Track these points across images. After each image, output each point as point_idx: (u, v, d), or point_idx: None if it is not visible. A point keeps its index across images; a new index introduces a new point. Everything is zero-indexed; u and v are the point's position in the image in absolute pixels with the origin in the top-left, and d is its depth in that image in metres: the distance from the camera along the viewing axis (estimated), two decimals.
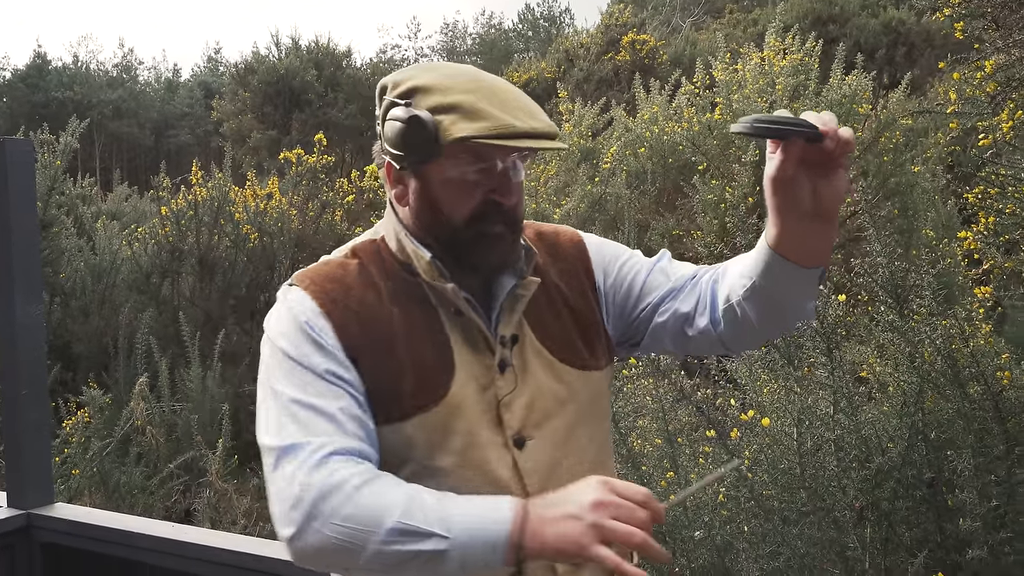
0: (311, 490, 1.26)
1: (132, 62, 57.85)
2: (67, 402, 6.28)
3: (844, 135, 1.29)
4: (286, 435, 1.32)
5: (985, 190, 4.68)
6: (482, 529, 1.22)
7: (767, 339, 1.64)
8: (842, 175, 1.32)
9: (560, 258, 1.58)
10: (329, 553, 1.26)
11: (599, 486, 1.23)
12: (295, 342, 1.38)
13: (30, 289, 2.89)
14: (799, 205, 1.34)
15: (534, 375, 1.46)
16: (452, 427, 1.39)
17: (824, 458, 3.18)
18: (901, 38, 18.38)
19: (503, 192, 1.40)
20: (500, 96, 1.39)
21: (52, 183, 8.35)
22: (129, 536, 2.71)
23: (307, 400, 1.34)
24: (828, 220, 1.36)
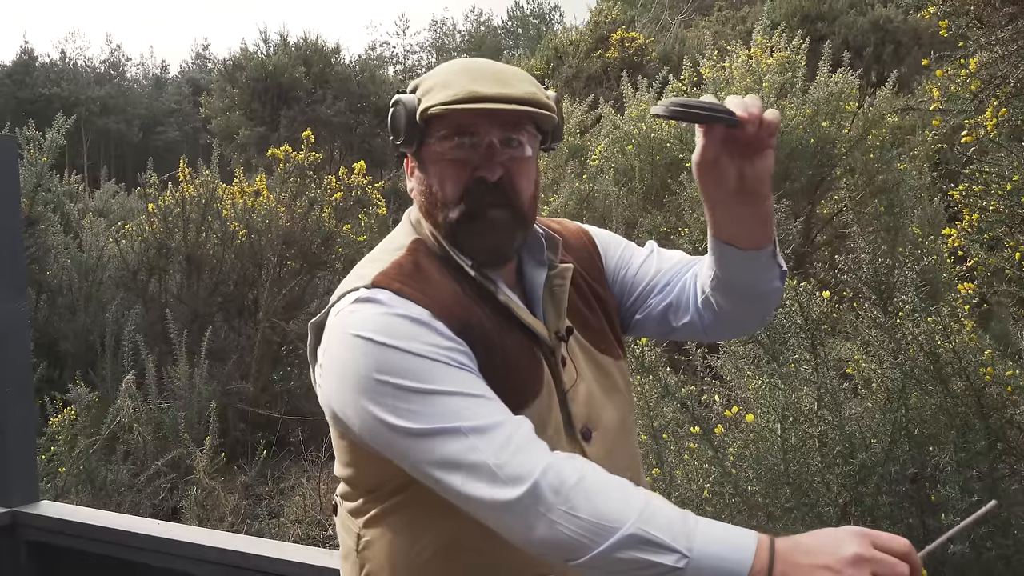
0: (537, 474, 1.19)
1: (120, 59, 57.69)
2: (53, 400, 6.25)
3: (768, 117, 1.29)
4: (455, 418, 1.24)
5: (969, 187, 4.71)
6: (723, 558, 1.13)
7: (751, 326, 1.63)
8: (768, 156, 1.33)
9: (574, 249, 1.58)
10: (558, 545, 1.18)
11: (860, 539, 1.14)
12: (421, 340, 1.30)
13: (15, 286, 2.88)
14: (726, 188, 1.34)
15: (584, 369, 1.47)
16: (545, 421, 1.39)
17: (808, 454, 3.19)
18: (889, 36, 18.44)
19: (487, 167, 1.37)
20: (476, 70, 1.40)
21: (38, 180, 8.30)
22: (116, 534, 2.71)
23: (464, 390, 1.28)
24: (757, 201, 1.36)
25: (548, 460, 1.21)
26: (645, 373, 3.52)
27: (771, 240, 1.43)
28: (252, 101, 21.06)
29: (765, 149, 1.32)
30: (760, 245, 1.41)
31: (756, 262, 1.43)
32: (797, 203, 7.70)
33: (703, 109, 1.26)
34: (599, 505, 1.17)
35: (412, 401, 1.26)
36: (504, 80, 1.38)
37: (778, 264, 1.47)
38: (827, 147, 7.80)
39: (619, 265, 1.61)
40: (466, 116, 1.36)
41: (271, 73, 20.96)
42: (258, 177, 9.32)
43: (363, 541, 1.47)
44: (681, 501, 3.32)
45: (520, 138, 1.39)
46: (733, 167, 1.32)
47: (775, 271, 1.47)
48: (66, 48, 77.29)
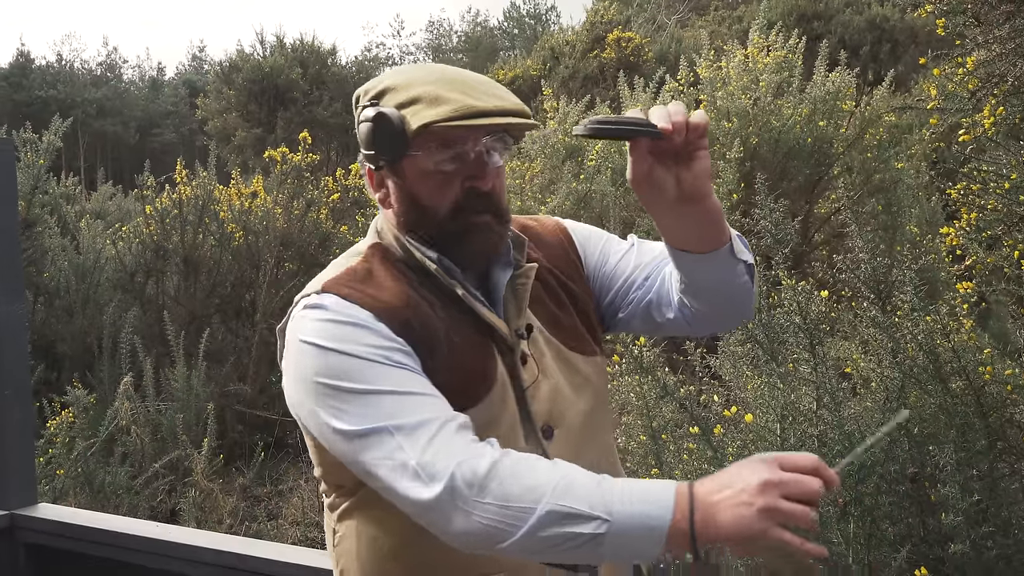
0: (452, 468, 1.22)
1: (116, 60, 57.66)
2: (51, 402, 6.24)
3: (695, 120, 1.28)
4: (387, 417, 1.28)
5: (967, 186, 4.71)
6: (645, 515, 1.17)
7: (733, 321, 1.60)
8: (702, 158, 1.30)
9: (548, 246, 1.59)
10: (481, 538, 1.22)
11: (766, 464, 1.17)
12: (359, 342, 1.34)
13: (12, 289, 2.87)
14: (666, 197, 1.32)
15: (550, 365, 1.48)
16: (496, 421, 1.40)
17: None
18: (885, 35, 18.46)
19: (479, 177, 1.40)
20: (461, 82, 1.41)
21: (35, 182, 8.29)
22: (114, 536, 2.70)
23: (398, 388, 1.31)
24: (700, 203, 1.33)
25: (463, 455, 1.23)
26: (644, 373, 3.51)
27: (726, 238, 1.40)
28: (249, 103, 21.05)
29: (697, 152, 1.30)
30: (715, 246, 1.39)
31: (715, 263, 1.41)
32: (795, 202, 7.70)
33: (623, 125, 1.26)
34: (513, 490, 1.20)
35: (348, 401, 1.31)
36: (492, 91, 1.40)
37: (741, 260, 1.44)
38: (824, 146, 7.81)
39: (599, 261, 1.61)
40: (460, 129, 1.37)
41: (267, 75, 20.95)
42: (255, 179, 9.31)
43: (337, 536, 1.52)
44: None
45: (501, 147, 1.43)
46: (670, 176, 1.31)
47: (739, 267, 1.44)
48: (62, 50, 77.28)
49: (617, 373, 3.79)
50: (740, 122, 7.63)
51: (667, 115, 1.27)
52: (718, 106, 7.86)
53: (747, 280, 1.47)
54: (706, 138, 1.30)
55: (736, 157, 7.22)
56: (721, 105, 7.82)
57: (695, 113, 1.28)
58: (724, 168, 7.26)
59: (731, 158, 7.22)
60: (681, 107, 1.29)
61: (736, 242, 1.43)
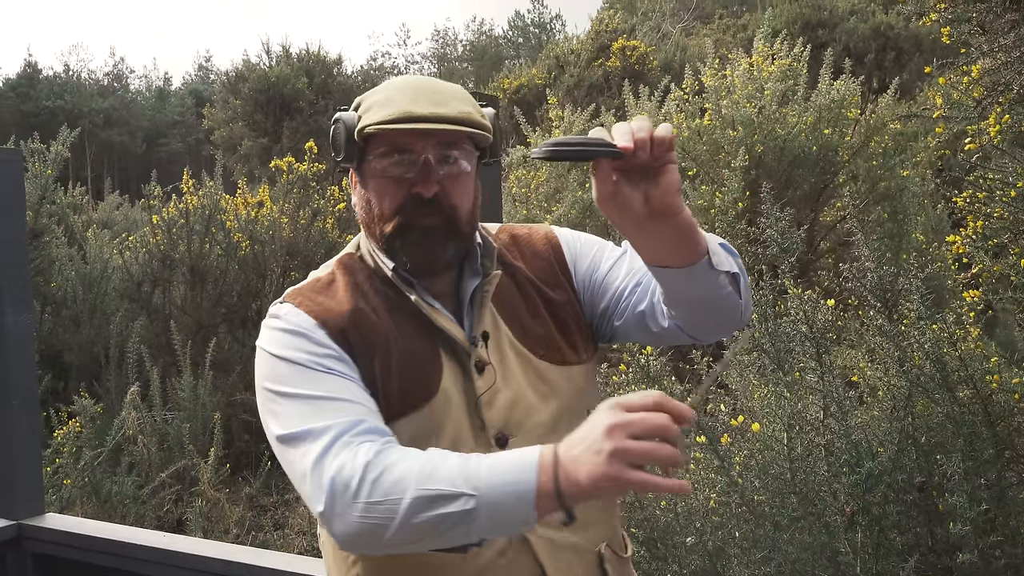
0: (333, 476, 1.26)
1: (123, 71, 57.88)
2: (58, 412, 6.26)
3: (660, 135, 1.25)
4: (299, 422, 1.33)
5: (973, 194, 4.70)
6: (511, 483, 1.19)
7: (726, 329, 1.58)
8: (669, 172, 1.27)
9: (536, 256, 1.60)
10: (362, 537, 1.25)
11: (610, 410, 1.18)
12: (296, 348, 1.40)
13: (20, 298, 2.88)
14: (635, 215, 1.29)
15: (514, 373, 1.48)
16: (438, 428, 1.42)
17: (814, 463, 3.19)
18: (890, 42, 18.47)
19: (421, 183, 1.42)
20: (415, 89, 1.45)
21: (43, 192, 8.33)
22: (121, 546, 2.71)
23: (319, 392, 1.35)
24: (670, 218, 1.29)
25: (343, 461, 1.26)
26: (650, 382, 3.51)
27: (702, 252, 1.36)
28: (255, 112, 21.09)
29: (665, 167, 1.27)
30: (691, 260, 1.35)
31: (693, 276, 1.38)
32: (800, 211, 7.69)
33: (581, 146, 1.24)
34: (382, 486, 1.22)
35: (279, 403, 1.37)
36: (440, 100, 1.43)
37: (721, 272, 1.40)
38: (829, 154, 7.80)
39: (590, 269, 1.60)
40: (403, 135, 1.42)
41: (274, 84, 21.00)
42: (261, 188, 9.33)
43: (320, 540, 1.57)
44: (688, 511, 3.31)
45: (455, 155, 1.45)
46: (637, 193, 1.28)
47: (720, 279, 1.40)
48: (70, 61, 77.57)
49: (624, 382, 3.78)
50: (745, 130, 7.63)
51: (629, 132, 1.25)
52: (723, 115, 7.86)
53: (731, 291, 1.43)
54: (673, 152, 1.27)
55: (741, 166, 7.22)
56: (726, 113, 7.82)
57: (660, 127, 1.26)
58: (729, 177, 7.26)
59: (736, 167, 7.22)
60: (645, 123, 1.26)
61: (715, 255, 1.38)
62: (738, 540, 3.21)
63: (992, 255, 4.44)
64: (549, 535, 1.44)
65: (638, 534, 3.39)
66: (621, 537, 1.60)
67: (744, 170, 7.26)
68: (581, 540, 1.48)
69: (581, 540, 1.48)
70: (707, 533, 3.23)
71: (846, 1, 19.72)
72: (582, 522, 1.43)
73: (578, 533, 1.47)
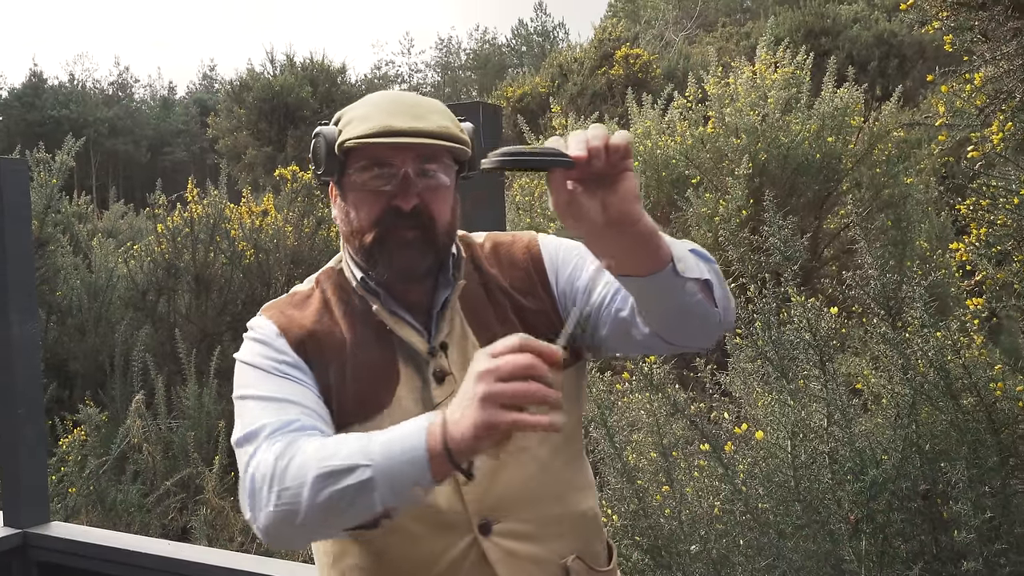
0: (252, 472, 1.32)
1: (128, 80, 58.05)
2: (63, 420, 6.27)
3: (614, 143, 1.23)
4: (247, 423, 1.40)
5: (976, 201, 4.71)
6: (403, 450, 1.22)
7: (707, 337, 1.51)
8: (626, 179, 1.24)
9: (513, 264, 1.59)
10: (278, 527, 1.29)
11: (479, 358, 1.19)
12: (259, 354, 1.48)
13: (25, 307, 2.90)
14: (593, 224, 1.27)
15: None
16: None
17: (818, 471, 3.18)
18: (893, 50, 18.50)
19: (400, 196, 1.44)
20: (395, 104, 1.48)
21: (48, 201, 8.36)
22: (126, 554, 2.71)
23: (268, 393, 1.43)
24: (629, 226, 1.27)
25: (259, 459, 1.32)
26: (654, 390, 3.51)
27: (665, 260, 1.33)
28: (259, 121, 21.17)
29: (622, 174, 1.24)
30: (654, 268, 1.32)
31: (660, 284, 1.34)
32: (804, 218, 7.70)
33: (532, 156, 1.22)
34: (289, 472, 1.27)
35: (239, 405, 1.45)
36: (419, 114, 1.46)
37: (689, 279, 1.36)
38: (833, 162, 7.80)
39: (571, 277, 1.59)
40: (382, 149, 1.44)
41: (278, 93, 21.08)
42: (266, 197, 9.36)
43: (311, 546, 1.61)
44: (692, 519, 3.31)
45: (434, 168, 1.47)
46: (594, 202, 1.25)
47: (687, 286, 1.36)
48: (75, 70, 77.68)
49: (627, 391, 3.79)
50: (748, 138, 7.64)
51: (583, 141, 1.23)
52: (726, 123, 7.87)
53: (701, 299, 1.39)
54: (630, 159, 1.24)
55: (745, 173, 7.22)
56: (729, 121, 7.83)
57: (616, 135, 1.24)
58: (733, 185, 7.27)
59: (740, 174, 7.23)
60: (599, 131, 1.24)
61: (680, 261, 1.35)
62: (742, 548, 3.21)
63: (995, 263, 4.43)
64: (509, 546, 1.45)
65: (642, 542, 3.39)
66: (602, 551, 1.58)
67: (748, 178, 7.27)
68: (544, 552, 1.47)
69: (544, 552, 1.47)
70: (711, 541, 3.23)
71: (849, 9, 19.75)
72: (546, 533, 1.46)
73: (541, 544, 1.47)
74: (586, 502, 1.57)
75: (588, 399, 3.51)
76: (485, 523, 1.45)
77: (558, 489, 1.53)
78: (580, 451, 1.61)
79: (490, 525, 1.45)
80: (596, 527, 1.59)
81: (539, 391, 1.15)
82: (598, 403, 3.46)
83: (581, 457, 1.61)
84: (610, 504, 3.53)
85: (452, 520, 1.44)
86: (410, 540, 1.45)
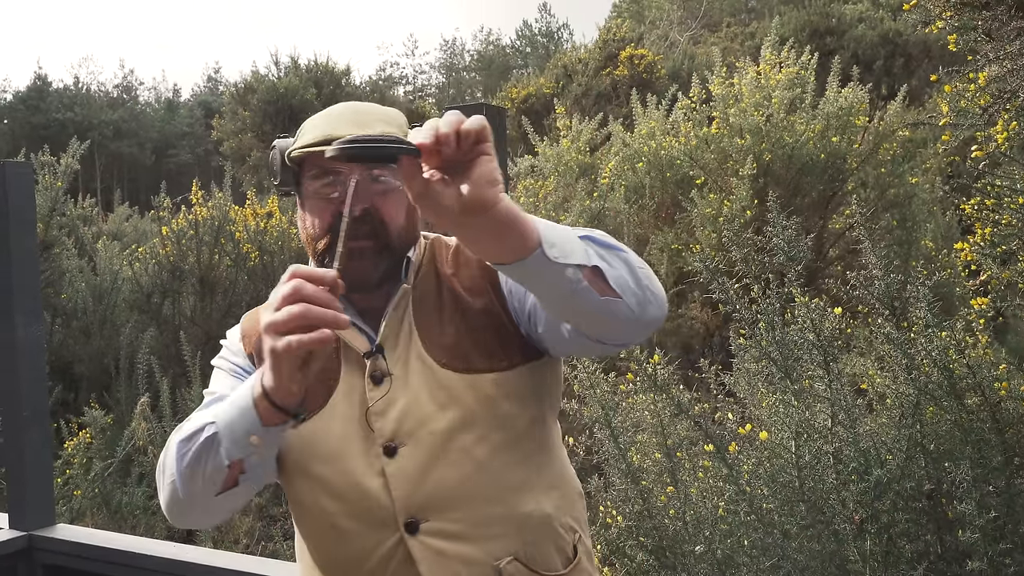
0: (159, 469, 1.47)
1: (132, 83, 58.16)
2: (68, 423, 6.29)
3: (466, 128, 1.18)
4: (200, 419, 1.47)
5: (981, 201, 4.70)
6: (236, 403, 1.34)
7: (623, 331, 1.40)
8: (479, 165, 1.18)
9: (466, 264, 1.58)
10: (170, 506, 1.44)
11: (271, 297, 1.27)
12: (222, 355, 1.62)
13: (30, 310, 2.90)
14: (450, 212, 1.20)
15: (413, 383, 1.49)
16: (326, 436, 1.49)
17: (823, 471, 3.18)
18: (899, 49, 18.45)
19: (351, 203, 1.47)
20: (341, 114, 1.54)
21: (53, 204, 8.38)
22: (131, 557, 2.72)
23: (212, 390, 1.56)
24: (484, 212, 1.20)
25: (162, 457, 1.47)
26: (658, 391, 3.51)
27: (532, 245, 1.25)
28: (264, 123, 21.17)
29: (477, 159, 1.19)
30: (520, 254, 1.25)
31: (532, 271, 1.27)
32: (808, 219, 7.69)
33: (375, 143, 1.18)
34: (168, 451, 1.43)
35: None
36: (363, 122, 1.50)
37: (569, 264, 1.28)
38: (838, 162, 7.80)
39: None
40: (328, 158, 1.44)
41: (282, 95, 21.08)
42: (270, 199, 9.38)
43: None
44: (696, 519, 3.31)
45: (385, 174, 1.49)
46: (451, 189, 1.19)
47: (567, 272, 1.28)
48: (79, 73, 78.05)
49: (631, 391, 3.79)
50: (753, 139, 7.63)
51: (432, 128, 1.19)
52: (731, 123, 7.86)
53: (586, 286, 1.29)
54: (485, 144, 1.19)
55: (749, 174, 7.22)
56: (734, 122, 7.83)
57: (470, 119, 1.19)
58: (737, 185, 7.27)
59: (744, 175, 7.22)
60: (452, 116, 1.20)
61: (552, 247, 1.27)
62: (747, 548, 3.21)
63: (1000, 262, 4.43)
64: (437, 545, 1.45)
65: (647, 542, 3.39)
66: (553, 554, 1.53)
67: (752, 178, 7.27)
68: (475, 552, 1.45)
69: (475, 552, 1.45)
70: (716, 541, 3.23)
71: (854, 8, 19.72)
72: (479, 534, 1.46)
73: (473, 544, 1.46)
74: (535, 503, 1.52)
75: (592, 400, 3.51)
76: (412, 521, 1.45)
77: (498, 489, 1.49)
78: (539, 451, 1.56)
79: (417, 524, 1.45)
80: (548, 530, 1.53)
81: (305, 311, 1.20)
82: (602, 404, 3.47)
83: (540, 457, 1.56)
84: (615, 505, 3.53)
85: (381, 517, 1.46)
86: (343, 536, 1.49)
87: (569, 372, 3.71)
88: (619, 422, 3.51)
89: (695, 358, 4.80)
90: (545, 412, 1.58)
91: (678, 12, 31.67)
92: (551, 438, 1.60)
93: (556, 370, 1.60)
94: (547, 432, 1.59)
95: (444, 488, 1.45)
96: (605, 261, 1.32)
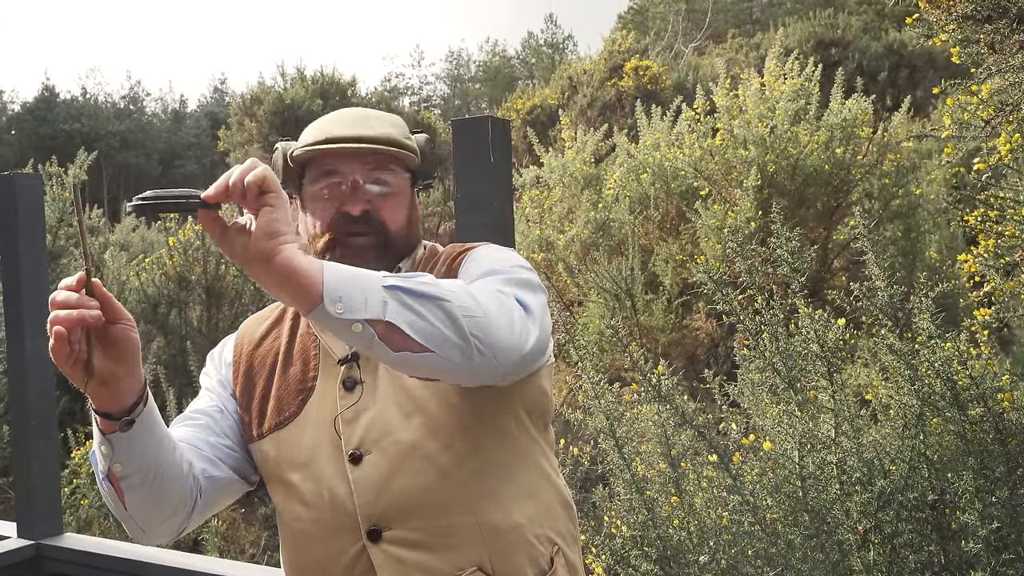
0: None
1: (139, 93, 58.26)
2: (76, 433, 6.30)
3: (248, 180, 1.23)
4: None
5: (985, 213, 4.71)
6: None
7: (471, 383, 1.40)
8: (260, 216, 1.23)
9: (448, 272, 1.58)
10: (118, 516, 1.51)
11: None
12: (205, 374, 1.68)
13: (38, 322, 2.92)
14: (239, 259, 1.26)
15: (383, 391, 1.50)
16: (299, 444, 1.51)
17: (827, 481, 3.19)
18: (903, 60, 18.46)
19: (350, 203, 1.51)
20: (343, 116, 1.57)
21: (61, 215, 8.42)
22: (138, 566, 2.73)
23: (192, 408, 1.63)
24: (263, 263, 1.23)
25: None
26: (662, 401, 3.52)
27: (313, 299, 1.24)
28: (270, 134, 21.20)
29: (260, 210, 1.23)
30: (304, 307, 1.25)
31: (321, 323, 1.29)
32: (813, 229, 7.70)
33: (166, 199, 1.25)
34: None
35: None
36: (364, 123, 1.54)
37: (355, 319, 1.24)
38: (842, 173, 7.81)
39: None
40: (331, 158, 1.52)
41: (288, 106, 21.13)
42: None
43: None
44: (701, 529, 3.32)
45: (385, 176, 1.53)
46: (243, 237, 1.24)
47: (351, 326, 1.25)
48: (87, 84, 78.22)
49: (636, 402, 3.80)
50: (757, 150, 7.65)
51: (224, 180, 1.25)
52: (735, 134, 7.88)
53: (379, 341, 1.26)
54: (267, 195, 1.24)
55: (753, 185, 7.23)
56: (738, 133, 7.85)
57: (253, 172, 1.24)
58: (741, 196, 7.28)
59: (748, 186, 7.24)
60: (247, 164, 1.26)
61: (339, 303, 1.23)
62: (751, 558, 3.22)
63: (1004, 273, 4.43)
64: (397, 554, 1.45)
65: (651, 552, 3.39)
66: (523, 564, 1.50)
67: (756, 189, 7.28)
68: (436, 561, 1.45)
69: (436, 561, 1.45)
70: (720, 551, 3.24)
71: (859, 19, 19.75)
72: (441, 543, 1.45)
73: (433, 554, 1.45)
74: (504, 513, 1.49)
75: (597, 411, 3.52)
76: (375, 529, 1.45)
77: (463, 498, 1.47)
78: (513, 460, 1.53)
79: (380, 532, 1.45)
80: (518, 540, 1.50)
81: (56, 317, 1.23)
82: (606, 414, 3.48)
83: (515, 466, 1.53)
84: (619, 515, 3.54)
85: (345, 524, 1.47)
86: (311, 542, 1.51)
87: (574, 383, 3.73)
88: (623, 432, 3.51)
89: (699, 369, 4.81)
90: (523, 421, 1.55)
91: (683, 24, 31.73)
92: (530, 448, 1.56)
93: (534, 382, 1.54)
94: (524, 442, 1.56)
95: (406, 496, 1.45)
96: (412, 313, 1.26)
